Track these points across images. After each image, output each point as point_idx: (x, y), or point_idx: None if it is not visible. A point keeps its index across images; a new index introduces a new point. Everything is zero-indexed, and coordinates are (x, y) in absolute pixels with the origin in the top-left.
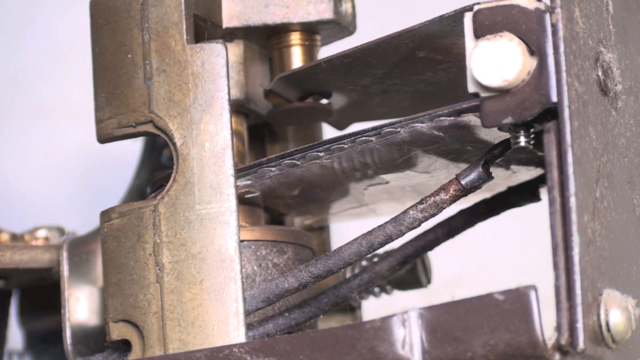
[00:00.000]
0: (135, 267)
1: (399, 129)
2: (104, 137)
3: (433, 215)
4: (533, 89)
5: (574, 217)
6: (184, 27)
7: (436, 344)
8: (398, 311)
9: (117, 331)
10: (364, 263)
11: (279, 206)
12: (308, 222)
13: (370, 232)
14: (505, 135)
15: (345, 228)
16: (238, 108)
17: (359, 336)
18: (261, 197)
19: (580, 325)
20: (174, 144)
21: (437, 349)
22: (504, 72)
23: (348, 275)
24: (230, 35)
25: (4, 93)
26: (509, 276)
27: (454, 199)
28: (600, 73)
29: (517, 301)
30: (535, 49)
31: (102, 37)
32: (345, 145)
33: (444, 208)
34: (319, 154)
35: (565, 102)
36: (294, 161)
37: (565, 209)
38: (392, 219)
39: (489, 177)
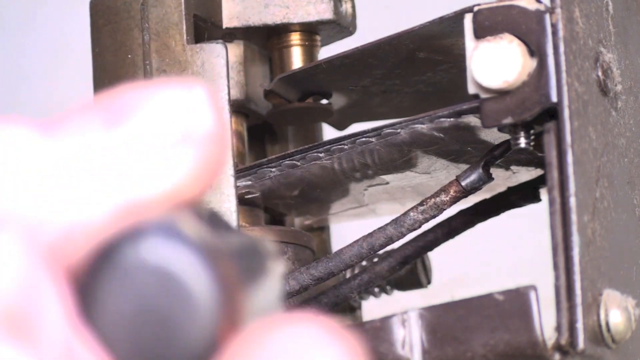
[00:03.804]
0: None
1: (399, 130)
2: None
3: (433, 217)
4: (533, 89)
5: (574, 217)
6: (184, 27)
7: (436, 344)
8: (398, 311)
9: None
10: (363, 263)
11: (279, 206)
12: (308, 222)
13: (370, 234)
14: (506, 136)
15: (345, 228)
16: (238, 108)
17: (359, 336)
18: (261, 198)
19: (580, 325)
20: None
21: (437, 349)
22: (504, 74)
23: (348, 275)
24: (230, 35)
25: (5, 93)
26: (509, 276)
27: (454, 200)
28: (600, 73)
29: (517, 301)
30: (535, 49)
31: (102, 38)
32: (346, 146)
33: (444, 209)
34: (319, 154)
35: (565, 103)
36: (294, 162)
37: (565, 209)
38: (393, 220)
39: (489, 178)
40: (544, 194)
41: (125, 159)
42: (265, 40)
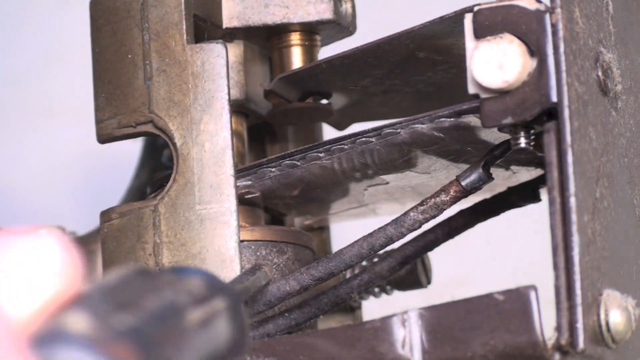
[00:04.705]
0: None
1: (399, 130)
2: (104, 137)
3: (434, 217)
4: (533, 89)
5: (574, 217)
6: (184, 27)
7: (436, 344)
8: (398, 311)
9: None
10: (363, 263)
11: (279, 206)
12: (308, 222)
13: (371, 234)
14: (506, 136)
15: (345, 228)
16: (238, 108)
17: (359, 336)
18: (261, 198)
19: (580, 325)
20: (174, 144)
21: (437, 349)
22: (504, 74)
23: (348, 275)
24: (230, 35)
25: (4, 93)
26: (509, 276)
27: (455, 200)
28: (600, 73)
29: (517, 301)
30: (535, 49)
31: (102, 37)
32: (346, 146)
33: (444, 209)
34: (319, 154)
35: (565, 102)
36: (294, 162)
37: (565, 209)
38: (393, 220)
39: (489, 178)
40: (544, 194)
41: None
42: (265, 40)
